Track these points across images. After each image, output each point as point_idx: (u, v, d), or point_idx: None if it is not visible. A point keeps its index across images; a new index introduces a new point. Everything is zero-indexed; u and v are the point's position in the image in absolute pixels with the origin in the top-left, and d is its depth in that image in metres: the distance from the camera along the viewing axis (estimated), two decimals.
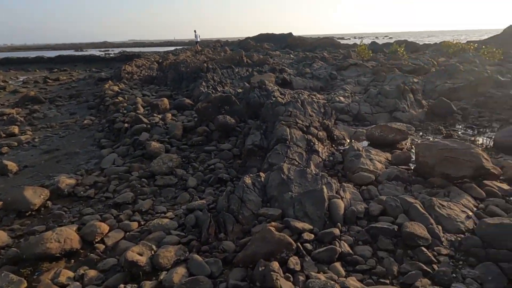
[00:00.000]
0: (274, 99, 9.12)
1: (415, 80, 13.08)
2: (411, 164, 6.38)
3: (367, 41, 36.01)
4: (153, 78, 19.61)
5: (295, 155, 6.58)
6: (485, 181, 5.34)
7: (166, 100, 11.52)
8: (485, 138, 7.85)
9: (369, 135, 7.58)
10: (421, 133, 8.41)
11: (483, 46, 20.33)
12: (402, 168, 6.12)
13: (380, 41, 46.63)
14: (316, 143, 7.03)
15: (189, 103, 11.91)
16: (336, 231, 4.05)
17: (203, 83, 13.51)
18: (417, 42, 42.94)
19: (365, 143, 7.79)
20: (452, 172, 5.37)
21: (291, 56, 31.65)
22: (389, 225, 4.08)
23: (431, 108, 9.61)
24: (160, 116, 10.32)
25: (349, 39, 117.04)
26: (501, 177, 5.63)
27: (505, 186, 5.23)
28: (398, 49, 26.62)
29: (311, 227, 4.19)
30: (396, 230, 4.01)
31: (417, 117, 9.43)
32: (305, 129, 7.28)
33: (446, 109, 9.36)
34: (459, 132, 8.30)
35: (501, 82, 10.95)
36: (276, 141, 6.88)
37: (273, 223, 4.24)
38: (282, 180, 5.12)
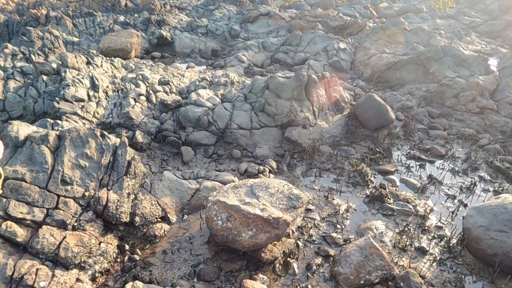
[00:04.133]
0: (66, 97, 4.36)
1: (341, 45, 8.80)
2: None
3: None
4: None
5: None
6: None
7: None
8: (445, 207, 3.99)
9: (208, 220, 3.33)
10: (330, 186, 4.33)
11: None
12: None
13: None
14: None
15: None
16: None
17: (7, 49, 8.00)
18: None
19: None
20: None
21: None
22: None
23: (355, 112, 5.53)
24: None
25: None
26: None
27: None
28: None
29: None
30: None
31: (329, 132, 5.32)
32: None
33: (379, 117, 5.33)
34: (397, 181, 4.36)
35: (463, 57, 7.02)
36: None
37: None
38: None
